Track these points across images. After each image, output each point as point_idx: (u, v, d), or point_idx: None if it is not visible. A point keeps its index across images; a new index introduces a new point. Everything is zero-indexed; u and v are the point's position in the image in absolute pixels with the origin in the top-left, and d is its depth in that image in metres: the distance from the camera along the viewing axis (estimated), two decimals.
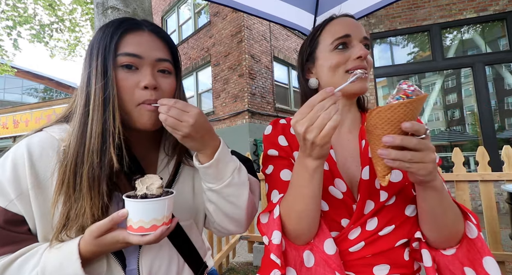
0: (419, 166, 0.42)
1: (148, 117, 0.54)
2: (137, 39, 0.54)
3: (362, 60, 0.61)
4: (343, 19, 0.66)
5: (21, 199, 0.48)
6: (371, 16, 4.72)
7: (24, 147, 0.50)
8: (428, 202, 0.48)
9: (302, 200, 0.52)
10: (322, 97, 0.44)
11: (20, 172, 0.48)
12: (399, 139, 0.41)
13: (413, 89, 0.42)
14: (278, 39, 8.54)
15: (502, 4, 4.22)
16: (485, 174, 1.90)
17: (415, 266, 0.59)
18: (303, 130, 0.44)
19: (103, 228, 0.46)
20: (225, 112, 7.62)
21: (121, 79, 0.52)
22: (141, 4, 1.76)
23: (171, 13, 9.87)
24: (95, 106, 0.50)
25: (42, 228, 0.50)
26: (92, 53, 0.52)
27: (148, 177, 0.51)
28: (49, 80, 18.39)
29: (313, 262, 0.56)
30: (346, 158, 0.64)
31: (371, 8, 1.36)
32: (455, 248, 0.52)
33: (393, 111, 0.42)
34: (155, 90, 0.54)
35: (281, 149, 0.66)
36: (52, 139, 0.52)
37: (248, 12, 1.38)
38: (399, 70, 4.81)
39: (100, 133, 0.50)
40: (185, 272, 0.63)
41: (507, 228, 2.35)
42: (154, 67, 0.55)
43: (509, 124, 4.49)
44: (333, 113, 0.42)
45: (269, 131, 0.70)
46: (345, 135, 0.67)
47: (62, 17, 5.86)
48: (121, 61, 0.52)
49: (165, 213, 0.49)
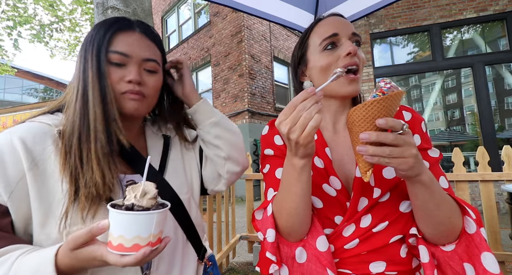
0: (399, 161, 0.42)
1: (131, 104, 0.59)
2: (127, 39, 0.59)
3: (352, 57, 0.60)
4: (330, 19, 0.66)
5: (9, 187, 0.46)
6: (371, 16, 4.72)
7: (13, 135, 0.49)
8: (418, 197, 0.48)
9: (291, 198, 0.53)
10: (303, 97, 0.45)
11: (7, 160, 0.47)
12: (375, 135, 0.42)
13: (389, 87, 0.44)
14: (278, 39, 8.54)
15: (502, 4, 4.22)
16: (485, 174, 1.90)
17: (414, 263, 0.59)
18: (287, 131, 0.45)
19: (79, 240, 0.41)
20: (225, 112, 7.62)
21: (111, 72, 0.57)
22: (141, 4, 1.76)
23: (171, 13, 9.87)
24: (94, 93, 0.54)
25: (40, 213, 0.48)
26: (87, 47, 0.57)
27: (142, 184, 0.44)
28: (49, 80, 18.40)
29: (305, 258, 0.57)
30: (342, 156, 0.64)
31: (371, 8, 1.36)
32: (454, 243, 0.51)
33: (367, 109, 0.43)
34: (140, 85, 0.60)
35: (277, 149, 0.67)
36: (41, 125, 0.53)
37: (248, 12, 1.38)
38: (399, 70, 4.81)
39: (102, 117, 0.54)
40: (188, 248, 0.67)
41: (507, 228, 2.35)
42: (141, 66, 0.60)
43: (509, 124, 4.49)
44: (314, 113, 0.43)
45: (266, 131, 0.72)
46: (342, 133, 0.67)
47: (62, 17, 5.87)
48: (111, 58, 0.57)
49: (152, 231, 0.41)
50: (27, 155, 0.48)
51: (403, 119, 0.63)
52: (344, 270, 0.59)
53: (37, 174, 0.48)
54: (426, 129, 0.64)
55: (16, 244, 0.46)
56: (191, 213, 0.68)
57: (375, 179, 0.58)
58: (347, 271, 0.59)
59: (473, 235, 0.50)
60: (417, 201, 0.49)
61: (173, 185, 0.65)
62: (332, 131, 0.68)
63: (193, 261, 0.68)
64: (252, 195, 2.70)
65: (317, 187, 0.61)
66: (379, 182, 0.57)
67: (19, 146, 0.48)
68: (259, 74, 7.58)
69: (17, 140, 0.48)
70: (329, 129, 0.68)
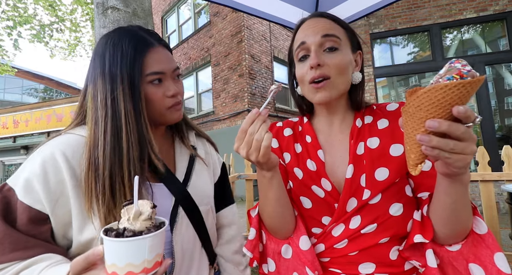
0: (458, 157, 0.38)
1: (177, 115, 0.66)
2: (156, 57, 0.61)
3: (317, 68, 0.59)
4: (304, 25, 0.65)
5: (51, 196, 0.49)
6: (371, 16, 4.72)
7: (54, 147, 0.53)
8: (452, 196, 0.45)
9: (268, 202, 0.58)
10: (251, 120, 0.49)
11: (49, 171, 0.50)
12: (446, 124, 0.36)
13: (469, 69, 0.36)
14: (278, 39, 8.54)
15: (502, 4, 4.22)
16: (485, 174, 1.90)
17: (406, 266, 0.58)
18: (245, 154, 0.49)
19: (78, 267, 0.41)
20: (225, 112, 7.62)
21: (152, 93, 0.60)
22: (141, 4, 1.76)
23: (171, 13, 9.87)
24: (128, 121, 0.55)
25: (79, 219, 0.51)
26: (116, 72, 0.56)
27: (137, 204, 0.41)
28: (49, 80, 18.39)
29: (291, 254, 0.62)
30: (335, 158, 0.64)
31: (371, 8, 1.36)
32: (460, 244, 0.51)
33: (446, 92, 0.35)
34: (179, 95, 0.65)
35: (272, 151, 0.68)
36: (78, 137, 0.56)
37: (248, 12, 1.38)
38: (399, 70, 4.81)
39: (137, 142, 0.56)
40: (203, 255, 0.69)
41: (507, 228, 2.35)
42: (172, 76, 0.64)
43: (509, 124, 4.49)
44: (264, 133, 0.47)
45: None
46: (337, 135, 0.67)
47: (62, 17, 5.86)
48: (149, 79, 0.59)
49: (146, 256, 0.38)
50: (68, 166, 0.51)
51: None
52: (335, 270, 0.60)
53: (77, 184, 0.52)
54: None
55: (49, 252, 0.49)
56: (207, 223, 0.69)
57: (366, 180, 0.58)
58: (337, 270, 0.59)
59: (485, 235, 0.50)
60: (449, 200, 0.47)
61: (195, 196, 0.66)
62: (328, 133, 0.68)
63: (206, 268, 0.70)
64: (252, 195, 2.70)
65: (307, 188, 0.63)
66: (370, 184, 0.57)
67: (60, 158, 0.51)
68: (259, 74, 7.58)
69: (58, 152, 0.52)
70: (325, 132, 0.68)
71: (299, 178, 0.64)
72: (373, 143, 0.61)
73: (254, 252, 0.65)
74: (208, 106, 8.35)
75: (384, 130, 0.62)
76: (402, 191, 0.58)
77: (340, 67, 0.60)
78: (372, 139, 0.61)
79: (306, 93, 0.65)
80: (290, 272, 0.62)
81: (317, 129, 0.70)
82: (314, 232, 0.62)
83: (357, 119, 0.65)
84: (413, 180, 0.60)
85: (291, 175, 0.67)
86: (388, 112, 0.65)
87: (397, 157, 0.58)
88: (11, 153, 10.26)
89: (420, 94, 0.38)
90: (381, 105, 0.68)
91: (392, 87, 5.31)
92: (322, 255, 0.61)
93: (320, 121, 0.70)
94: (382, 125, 0.63)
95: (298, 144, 0.69)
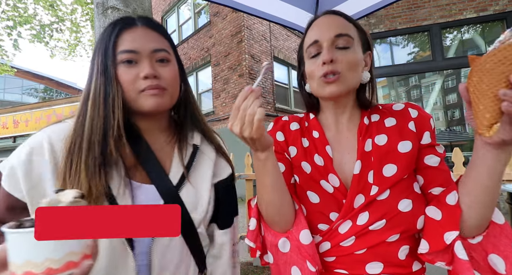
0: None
1: (152, 100, 0.57)
2: (131, 36, 0.57)
3: (329, 65, 0.59)
4: (317, 22, 0.65)
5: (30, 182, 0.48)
6: (371, 16, 4.72)
7: (44, 132, 0.53)
8: (499, 168, 0.46)
9: (265, 189, 0.57)
10: (244, 97, 0.48)
11: (34, 158, 0.50)
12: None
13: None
14: (278, 39, 8.54)
15: (502, 4, 4.22)
16: None
17: (415, 267, 0.58)
18: (239, 131, 0.48)
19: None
20: (225, 112, 7.62)
21: (122, 74, 0.55)
22: (141, 4, 1.76)
23: (171, 13, 9.87)
24: (96, 101, 0.54)
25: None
26: (95, 53, 0.57)
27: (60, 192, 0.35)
28: (49, 80, 18.40)
29: (289, 248, 0.60)
30: (343, 155, 0.64)
31: (371, 8, 1.36)
32: (482, 235, 0.51)
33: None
34: (156, 78, 0.57)
35: (278, 144, 0.69)
36: (66, 125, 0.56)
37: (248, 12, 1.38)
38: (399, 70, 4.81)
39: (102, 127, 0.53)
40: (191, 267, 0.62)
41: None
42: (152, 58, 0.58)
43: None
44: (257, 107, 0.46)
45: (270, 127, 0.74)
46: (344, 133, 0.67)
47: (62, 18, 5.87)
48: (121, 58, 0.56)
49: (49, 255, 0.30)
50: (51, 150, 0.51)
51: (410, 116, 0.63)
52: (340, 270, 0.59)
53: (55, 168, 0.51)
54: (434, 126, 0.65)
55: None
56: (201, 234, 0.63)
57: (374, 176, 0.58)
58: (343, 271, 0.58)
59: (504, 225, 0.51)
60: (496, 177, 0.47)
61: (187, 203, 0.59)
62: (335, 130, 0.68)
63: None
64: (252, 195, 2.70)
65: (315, 183, 0.62)
66: (378, 180, 0.57)
67: (46, 145, 0.51)
68: (259, 74, 7.57)
69: (46, 138, 0.52)
70: (332, 129, 0.68)
71: (307, 173, 0.64)
72: (380, 140, 0.61)
73: (257, 242, 0.64)
74: (208, 106, 8.35)
75: (392, 128, 0.62)
76: (411, 187, 0.58)
77: (351, 64, 0.60)
78: (380, 136, 0.62)
79: (315, 88, 0.64)
80: (289, 266, 0.60)
81: (324, 125, 0.70)
82: (321, 228, 0.61)
83: (364, 117, 0.65)
84: (424, 176, 0.60)
85: (298, 170, 0.66)
86: (394, 112, 0.66)
87: (405, 153, 0.59)
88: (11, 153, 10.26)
89: (503, 48, 0.37)
90: (386, 105, 0.69)
91: (392, 87, 5.32)
92: (327, 254, 0.60)
93: (327, 118, 0.70)
94: (390, 123, 0.63)
95: (305, 138, 0.68)
